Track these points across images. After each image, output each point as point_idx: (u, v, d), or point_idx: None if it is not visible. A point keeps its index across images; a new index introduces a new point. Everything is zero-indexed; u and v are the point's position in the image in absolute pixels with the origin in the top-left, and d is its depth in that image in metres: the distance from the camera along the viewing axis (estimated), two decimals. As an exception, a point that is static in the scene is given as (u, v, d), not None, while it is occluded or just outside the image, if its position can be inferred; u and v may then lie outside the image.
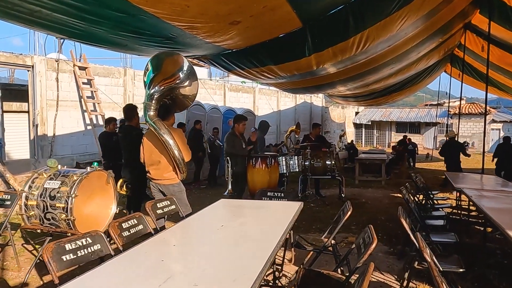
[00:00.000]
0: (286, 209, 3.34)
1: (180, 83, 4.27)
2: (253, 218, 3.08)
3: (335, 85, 9.82)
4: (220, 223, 2.83)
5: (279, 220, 2.95)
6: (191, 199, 8.67)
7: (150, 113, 4.11)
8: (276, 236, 2.44)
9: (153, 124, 4.05)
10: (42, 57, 9.40)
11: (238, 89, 16.94)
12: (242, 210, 3.35)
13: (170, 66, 4.37)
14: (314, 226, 6.10)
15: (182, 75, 4.31)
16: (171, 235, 2.63)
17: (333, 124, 26.03)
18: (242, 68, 7.25)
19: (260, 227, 2.81)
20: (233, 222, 2.92)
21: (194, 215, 3.21)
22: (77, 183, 3.50)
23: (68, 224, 3.43)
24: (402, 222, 3.00)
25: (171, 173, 4.24)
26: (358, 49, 5.90)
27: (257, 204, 3.65)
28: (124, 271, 1.93)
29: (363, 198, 8.55)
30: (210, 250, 2.22)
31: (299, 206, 3.47)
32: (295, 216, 3.18)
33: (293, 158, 7.58)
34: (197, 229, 2.81)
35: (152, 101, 4.13)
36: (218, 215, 3.25)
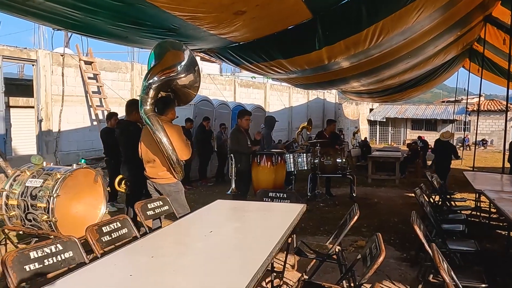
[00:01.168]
0: (286, 213, 3.02)
1: (177, 75, 3.97)
2: (248, 223, 2.77)
3: (349, 80, 9.45)
4: (210, 228, 2.53)
5: (277, 225, 2.63)
6: (196, 197, 8.50)
7: (146, 107, 3.82)
8: (270, 245, 2.13)
9: (147, 120, 3.76)
10: (46, 51, 9.24)
11: (248, 84, 16.63)
12: (237, 213, 3.04)
13: (171, 56, 4.07)
14: (322, 228, 5.77)
15: (180, 68, 4.01)
16: (151, 242, 2.34)
17: (347, 121, 25.51)
18: (250, 62, 6.98)
19: (254, 233, 2.50)
20: (225, 227, 2.61)
21: (183, 218, 2.92)
22: (60, 182, 3.25)
23: (50, 226, 3.19)
24: (415, 229, 2.65)
25: (166, 172, 3.95)
26: (372, 43, 5.56)
27: (255, 206, 3.34)
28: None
29: (376, 198, 8.16)
30: (190, 263, 1.92)
31: (301, 209, 3.15)
32: (295, 220, 2.86)
33: (301, 155, 7.23)
34: (183, 236, 2.52)
35: (148, 94, 3.84)
36: (210, 219, 2.95)
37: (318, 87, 15.65)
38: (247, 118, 5.91)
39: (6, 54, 8.49)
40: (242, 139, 5.83)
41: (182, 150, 3.84)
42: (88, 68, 10.08)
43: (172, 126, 3.94)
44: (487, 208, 5.92)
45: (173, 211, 3.72)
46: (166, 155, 3.74)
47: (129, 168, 4.94)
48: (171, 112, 4.07)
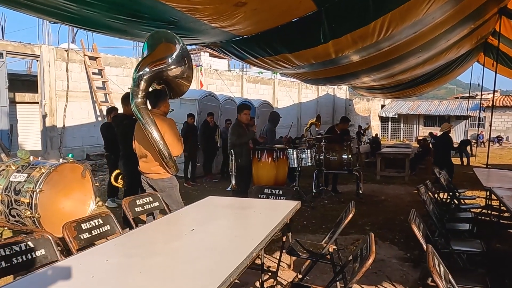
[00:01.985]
0: (277, 210, 2.86)
1: (168, 67, 3.83)
2: (235, 221, 2.62)
3: (359, 75, 9.20)
4: (192, 226, 2.38)
5: (264, 223, 2.48)
6: (199, 193, 8.38)
7: (137, 100, 3.70)
8: (251, 244, 1.97)
9: (138, 113, 3.64)
10: (50, 46, 9.21)
11: (256, 80, 16.46)
12: (226, 210, 2.89)
13: (163, 48, 3.93)
14: (324, 226, 5.59)
15: (170, 60, 3.86)
16: (127, 240, 2.21)
17: (358, 117, 25.16)
18: (255, 57, 6.83)
19: (238, 232, 2.35)
20: (209, 225, 2.46)
21: (169, 215, 2.78)
22: (44, 177, 3.14)
23: (34, 222, 3.09)
24: (413, 228, 2.47)
25: (159, 167, 3.82)
26: (380, 36, 5.36)
27: (247, 203, 3.19)
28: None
29: (383, 195, 7.93)
30: (160, 264, 1.78)
31: (293, 207, 2.99)
32: (285, 218, 2.69)
33: (305, 151, 7.04)
34: (162, 234, 2.37)
35: (139, 86, 3.72)
36: (196, 216, 2.81)
37: (327, 83, 15.38)
38: (246, 112, 5.76)
39: (9, 49, 8.48)
40: (242, 134, 5.68)
41: (174, 145, 3.70)
42: (93, 63, 10.03)
43: (164, 119, 3.80)
44: (498, 206, 5.67)
45: (163, 207, 3.60)
46: (157, 149, 3.61)
47: (125, 163, 4.84)
48: (163, 105, 3.93)
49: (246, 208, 2.97)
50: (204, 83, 13.71)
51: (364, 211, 6.40)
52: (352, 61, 6.89)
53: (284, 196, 3.61)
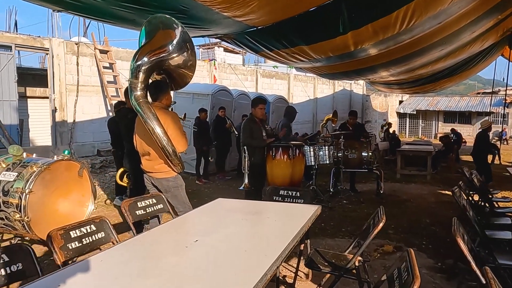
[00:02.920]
0: (295, 216, 2.50)
1: (169, 55, 3.49)
2: (246, 229, 2.26)
3: (377, 69, 8.76)
4: (197, 235, 2.04)
5: (280, 234, 2.12)
6: (211, 191, 8.06)
7: (136, 93, 3.36)
8: (265, 263, 1.61)
9: (137, 107, 3.31)
10: (60, 39, 8.99)
11: (271, 75, 16.05)
12: (235, 215, 2.54)
13: (162, 36, 3.59)
14: (343, 228, 5.19)
15: (171, 47, 3.51)
16: (119, 252, 1.88)
17: (375, 113, 24.53)
18: (270, 49, 6.50)
19: (249, 244, 1.99)
20: (216, 234, 2.11)
21: (169, 222, 2.44)
22: (35, 176, 2.84)
23: (24, 226, 2.80)
24: (459, 243, 2.07)
25: (163, 165, 3.49)
26: (402, 26, 4.97)
27: (260, 207, 2.83)
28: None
29: (405, 195, 7.47)
30: (151, 286, 1.43)
31: (313, 212, 2.61)
32: (305, 226, 2.33)
33: (323, 148, 6.63)
34: (159, 245, 2.03)
35: (138, 78, 3.38)
36: (201, 222, 2.46)
37: (344, 77, 14.91)
38: (261, 107, 5.39)
39: (18, 42, 8.28)
40: (255, 130, 5.32)
41: (178, 140, 3.37)
42: (104, 57, 9.79)
43: (166, 113, 3.47)
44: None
45: (168, 209, 3.28)
46: (160, 146, 3.28)
47: (130, 160, 4.54)
48: (165, 97, 3.60)
49: (258, 213, 2.61)
50: (217, 78, 13.39)
51: (386, 213, 5.84)
52: (370, 54, 6.51)
53: (302, 199, 3.24)
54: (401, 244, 4.50)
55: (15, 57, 11.98)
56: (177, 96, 10.29)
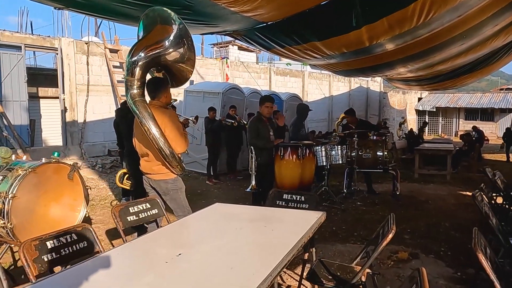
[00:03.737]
0: (295, 225, 2.26)
1: (165, 50, 3.29)
2: (238, 240, 2.04)
3: (394, 65, 8.41)
4: (181, 249, 1.82)
5: (276, 246, 1.89)
6: (220, 192, 7.87)
7: (132, 91, 3.18)
8: (251, 284, 1.39)
9: (133, 107, 3.12)
10: (70, 39, 8.94)
11: (285, 72, 15.77)
12: (230, 223, 2.32)
13: (159, 30, 3.39)
14: (356, 232, 4.91)
15: (167, 43, 3.32)
16: (89, 269, 1.67)
17: (392, 110, 23.95)
18: (282, 46, 6.29)
19: (239, 258, 1.76)
20: (202, 246, 1.90)
21: (158, 230, 2.23)
22: (19, 180, 2.68)
23: (8, 233, 2.65)
24: (480, 258, 1.79)
25: (161, 167, 3.30)
26: (420, 20, 4.68)
27: (259, 214, 2.60)
28: None
29: (423, 197, 7.12)
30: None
31: (317, 220, 2.37)
32: (306, 235, 2.09)
33: (335, 148, 6.35)
34: (136, 260, 1.82)
35: (134, 75, 3.20)
36: (191, 231, 2.25)
37: (360, 74, 14.53)
38: (267, 105, 5.16)
39: (28, 42, 8.25)
40: (262, 130, 5.09)
41: (176, 141, 3.17)
42: (114, 56, 9.71)
43: (164, 112, 3.27)
44: None
45: (163, 215, 3.08)
46: (157, 147, 3.08)
47: (130, 161, 4.39)
48: (164, 95, 3.40)
49: (256, 220, 2.38)
50: (230, 76, 13.20)
51: (402, 216, 5.66)
52: (387, 49, 6.21)
53: (307, 204, 2.99)
54: (417, 250, 4.20)
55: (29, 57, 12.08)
56: (187, 95, 10.17)
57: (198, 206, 6.18)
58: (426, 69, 9.65)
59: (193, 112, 9.82)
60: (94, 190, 7.57)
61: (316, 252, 3.95)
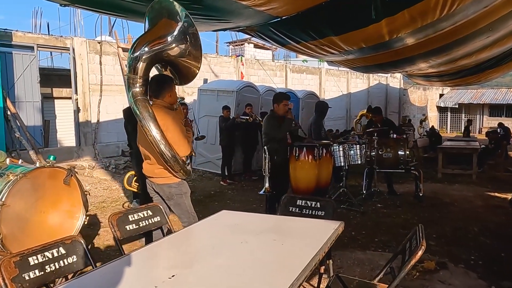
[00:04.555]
0: (309, 237, 1.99)
1: (168, 45, 3.07)
2: (241, 258, 1.78)
3: (415, 61, 8.01)
4: (175, 269, 1.58)
5: (285, 265, 1.62)
6: (234, 193, 7.63)
7: (134, 90, 2.96)
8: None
9: (134, 106, 2.91)
10: (83, 38, 8.85)
11: (301, 70, 15.43)
12: (235, 236, 2.06)
13: (164, 25, 3.17)
14: (377, 238, 4.59)
15: (170, 38, 3.10)
16: None
17: (413, 107, 23.29)
18: (297, 42, 6.02)
19: (236, 284, 1.51)
20: (200, 265, 1.65)
21: (155, 243, 1.99)
22: (9, 186, 2.49)
23: (-2, 244, 2.47)
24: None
25: (163, 170, 3.08)
26: (443, 12, 4.30)
27: (269, 223, 2.35)
28: None
29: (447, 198, 6.72)
30: None
31: (333, 231, 2.10)
32: (320, 252, 1.82)
33: (353, 147, 6.03)
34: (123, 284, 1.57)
35: (136, 72, 2.98)
36: (189, 246, 2.01)
37: (379, 70, 14.11)
38: (285, 103, 4.90)
39: (40, 42, 8.18)
40: (273, 124, 4.86)
41: (179, 144, 2.95)
42: (127, 55, 9.57)
43: (167, 113, 3.05)
44: None
45: (166, 222, 2.85)
46: (157, 150, 2.86)
47: (136, 163, 4.20)
48: (168, 94, 3.16)
49: (264, 232, 2.12)
50: (245, 74, 12.97)
51: (427, 219, 5.32)
52: (407, 44, 5.87)
53: (323, 211, 2.72)
54: (445, 259, 3.86)
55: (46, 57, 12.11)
56: (201, 94, 9.97)
57: (210, 209, 5.97)
58: (448, 64, 9.20)
59: (207, 111, 9.64)
60: (106, 192, 7.45)
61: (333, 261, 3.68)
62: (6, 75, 7.64)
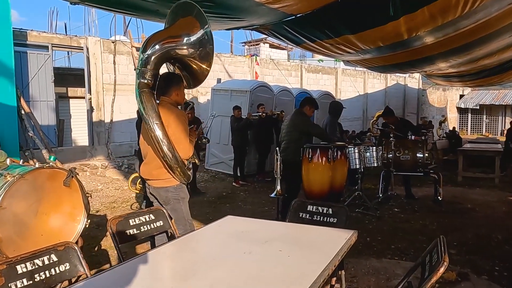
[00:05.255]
0: (318, 248, 1.83)
1: (181, 45, 2.96)
2: (243, 271, 1.62)
3: (434, 60, 7.75)
4: (170, 282, 1.44)
5: (292, 281, 1.46)
6: (246, 195, 7.47)
7: (141, 81, 2.84)
8: None
9: (138, 97, 2.79)
10: (97, 38, 8.85)
11: (317, 70, 15.19)
12: (238, 245, 1.90)
13: (182, 23, 3.06)
14: (393, 245, 4.37)
15: (186, 39, 2.99)
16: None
17: (432, 108, 22.76)
18: (312, 40, 5.89)
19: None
20: (195, 280, 1.50)
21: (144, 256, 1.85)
22: (5, 188, 2.39)
23: (-6, 247, 2.38)
24: None
25: (161, 171, 2.90)
26: (465, 9, 4.10)
27: (276, 231, 2.19)
28: None
29: (468, 203, 6.42)
30: None
31: (346, 241, 1.93)
32: (330, 266, 1.65)
33: (369, 149, 5.80)
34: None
35: (147, 66, 2.87)
36: (187, 257, 1.86)
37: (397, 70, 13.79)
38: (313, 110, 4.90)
39: (55, 42, 8.20)
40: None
41: (179, 144, 2.80)
42: (141, 54, 9.54)
43: (171, 110, 2.92)
44: None
45: (170, 227, 2.72)
46: (158, 148, 2.73)
47: (139, 164, 4.09)
48: (176, 92, 3.04)
49: (270, 241, 1.96)
50: (259, 74, 12.82)
51: (446, 226, 5.07)
52: (426, 43, 5.65)
53: (335, 218, 2.54)
54: (466, 269, 3.63)
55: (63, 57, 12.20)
56: (215, 94, 9.86)
57: (221, 211, 5.84)
58: (469, 64, 8.88)
59: (220, 111, 9.52)
60: (118, 192, 7.40)
61: (347, 269, 3.49)
62: (21, 75, 7.68)
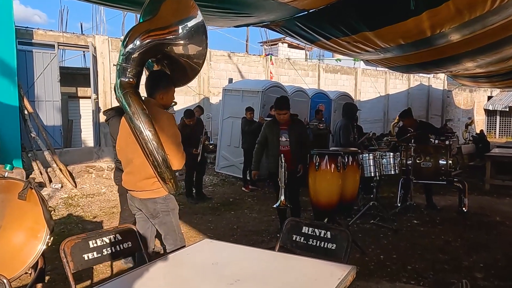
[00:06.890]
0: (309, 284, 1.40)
1: (174, 40, 2.59)
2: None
3: (460, 59, 7.29)
4: None
5: None
6: (255, 201, 7.06)
7: (123, 80, 2.47)
8: None
9: (122, 99, 2.42)
10: (104, 36, 8.63)
11: (335, 70, 14.66)
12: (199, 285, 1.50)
13: (169, 11, 2.67)
14: (410, 265, 3.87)
15: (181, 30, 2.61)
16: None
17: (458, 110, 21.80)
18: (327, 38, 5.57)
19: None
20: None
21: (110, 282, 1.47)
22: None
23: None
24: None
25: (148, 181, 2.57)
26: (495, 3, 3.73)
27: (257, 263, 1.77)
28: None
29: (497, 215, 5.81)
30: None
31: (339, 282, 1.49)
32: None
33: (386, 155, 5.29)
34: None
35: (129, 62, 2.49)
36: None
37: (420, 70, 13.17)
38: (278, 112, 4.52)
39: (62, 40, 8.02)
40: None
41: (171, 151, 2.46)
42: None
43: (160, 112, 2.60)
44: None
45: (141, 249, 2.34)
46: (147, 151, 2.37)
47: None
48: (164, 93, 2.70)
49: (243, 280, 1.54)
50: (275, 74, 12.40)
51: (472, 242, 4.53)
52: (452, 41, 5.29)
53: (334, 243, 2.10)
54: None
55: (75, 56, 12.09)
56: (226, 94, 9.51)
57: (224, 221, 5.44)
58: (498, 63, 8.33)
59: (231, 112, 9.16)
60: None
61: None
62: (26, 74, 7.51)
